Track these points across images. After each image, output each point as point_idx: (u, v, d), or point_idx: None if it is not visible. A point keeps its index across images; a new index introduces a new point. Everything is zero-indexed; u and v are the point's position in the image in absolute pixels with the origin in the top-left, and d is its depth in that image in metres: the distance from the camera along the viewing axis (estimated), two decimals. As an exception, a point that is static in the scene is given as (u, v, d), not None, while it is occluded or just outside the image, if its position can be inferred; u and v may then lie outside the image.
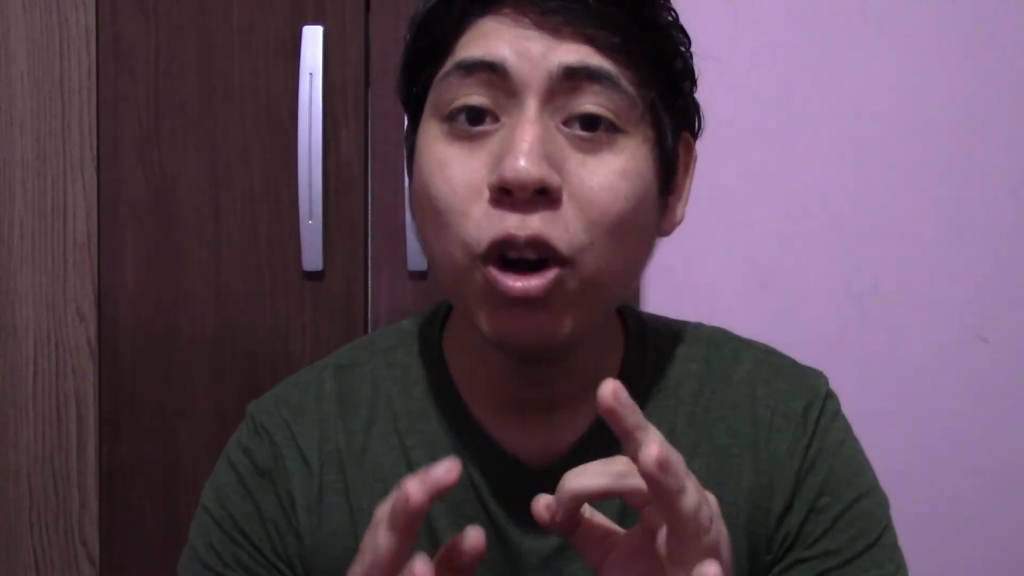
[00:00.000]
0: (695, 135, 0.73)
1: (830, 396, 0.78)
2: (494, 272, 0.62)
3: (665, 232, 0.71)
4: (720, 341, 0.79)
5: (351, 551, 0.74)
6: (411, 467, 0.73)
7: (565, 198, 0.62)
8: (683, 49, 0.69)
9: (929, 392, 1.41)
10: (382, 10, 1.35)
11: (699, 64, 0.71)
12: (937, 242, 1.40)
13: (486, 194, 0.63)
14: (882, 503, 0.76)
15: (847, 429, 0.77)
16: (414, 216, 0.70)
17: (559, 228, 0.62)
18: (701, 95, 0.72)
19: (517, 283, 0.62)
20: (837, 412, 0.77)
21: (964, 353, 1.41)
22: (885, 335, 1.41)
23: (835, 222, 1.40)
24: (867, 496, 0.75)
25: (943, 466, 1.41)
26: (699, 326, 0.81)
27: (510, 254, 0.62)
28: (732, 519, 0.73)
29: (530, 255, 0.62)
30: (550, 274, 0.62)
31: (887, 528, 0.75)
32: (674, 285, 1.37)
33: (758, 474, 0.74)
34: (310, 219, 1.34)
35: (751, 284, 1.41)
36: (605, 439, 0.72)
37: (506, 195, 0.62)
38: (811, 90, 1.40)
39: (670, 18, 0.68)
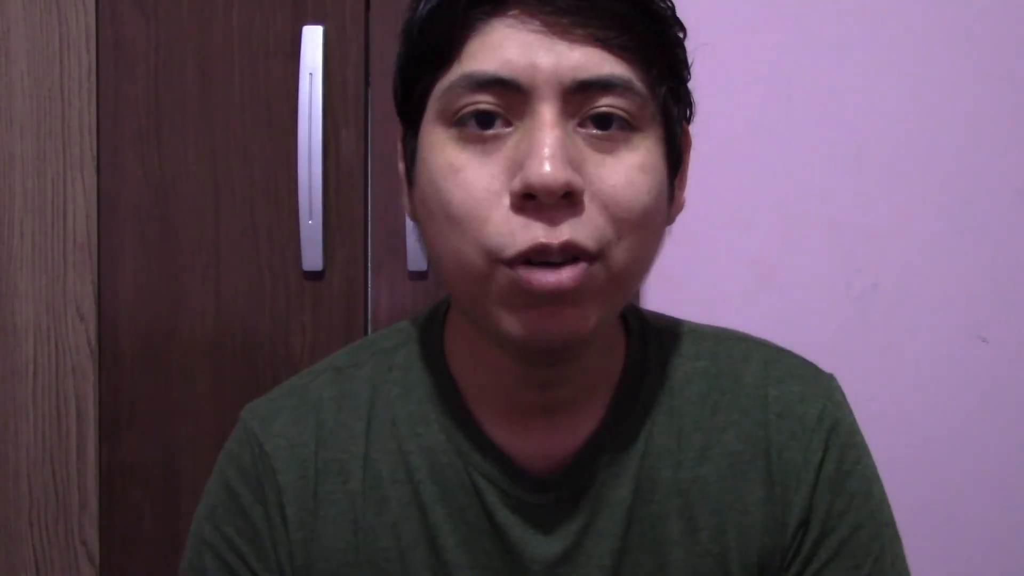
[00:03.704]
0: (689, 121, 0.72)
1: (843, 405, 0.76)
2: (523, 272, 0.61)
3: (671, 219, 0.71)
4: (727, 338, 0.78)
5: (352, 565, 0.71)
6: (409, 473, 0.72)
7: (587, 199, 0.62)
8: (682, 37, 0.68)
9: (929, 392, 1.41)
10: (382, 10, 1.35)
11: (697, 59, 0.71)
12: (937, 242, 1.40)
13: (505, 199, 0.62)
14: (890, 523, 0.75)
15: (863, 447, 0.76)
16: (416, 221, 0.69)
17: (587, 229, 0.62)
18: (701, 94, 0.72)
19: (550, 277, 0.61)
20: (853, 427, 0.76)
21: (964, 353, 1.40)
22: (885, 335, 1.41)
23: (835, 222, 1.40)
24: (873, 521, 0.74)
25: (943, 466, 1.41)
26: (700, 324, 0.80)
27: (537, 259, 0.61)
28: (746, 529, 0.72)
29: (557, 259, 0.61)
30: (580, 266, 0.62)
31: (895, 552, 0.75)
32: (674, 285, 1.36)
33: (771, 485, 0.72)
34: (310, 219, 1.34)
35: (751, 284, 1.41)
36: (608, 444, 0.72)
37: (530, 200, 0.61)
38: (811, 90, 1.40)
39: (669, 10, 0.67)
